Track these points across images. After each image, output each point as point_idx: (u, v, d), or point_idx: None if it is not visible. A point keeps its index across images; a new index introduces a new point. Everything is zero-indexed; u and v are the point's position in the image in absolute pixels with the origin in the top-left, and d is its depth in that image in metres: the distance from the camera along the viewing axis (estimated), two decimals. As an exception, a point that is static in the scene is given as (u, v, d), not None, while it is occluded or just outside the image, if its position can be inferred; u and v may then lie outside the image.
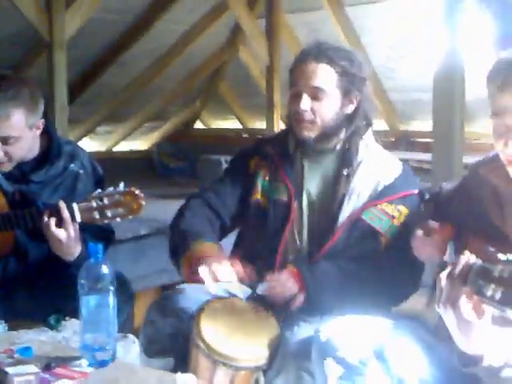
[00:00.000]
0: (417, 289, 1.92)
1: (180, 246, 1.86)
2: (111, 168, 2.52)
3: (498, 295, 1.09)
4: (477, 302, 1.18)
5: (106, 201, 1.82)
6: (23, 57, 4.77)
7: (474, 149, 3.97)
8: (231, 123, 6.70)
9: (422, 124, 5.20)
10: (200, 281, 1.75)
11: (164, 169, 6.51)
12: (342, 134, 1.94)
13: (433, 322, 1.60)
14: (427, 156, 3.93)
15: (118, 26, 4.97)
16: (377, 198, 1.89)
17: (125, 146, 6.57)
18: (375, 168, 1.92)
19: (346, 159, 1.92)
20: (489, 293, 1.11)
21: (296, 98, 1.88)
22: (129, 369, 1.38)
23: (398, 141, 5.48)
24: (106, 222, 1.84)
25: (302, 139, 1.91)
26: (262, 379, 1.73)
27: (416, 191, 1.94)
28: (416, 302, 1.88)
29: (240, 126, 6.62)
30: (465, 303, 1.18)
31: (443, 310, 1.22)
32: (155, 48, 5.36)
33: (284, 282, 1.83)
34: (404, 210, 1.89)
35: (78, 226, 1.85)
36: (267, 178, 1.97)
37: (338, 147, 1.95)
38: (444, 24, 3.08)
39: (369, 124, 1.98)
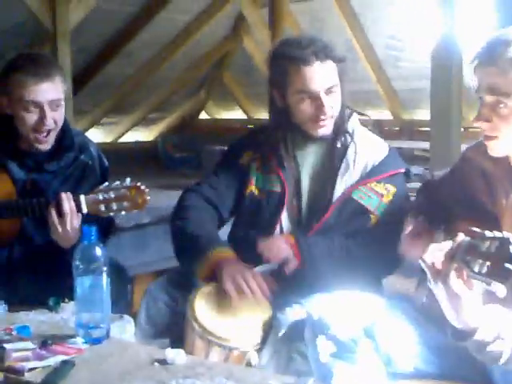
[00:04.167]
0: (399, 264, 1.97)
1: (192, 251, 1.92)
2: (116, 159, 2.55)
3: (484, 269, 1.13)
4: (466, 277, 1.22)
5: (112, 194, 1.85)
6: (27, 48, 4.81)
7: (478, 136, 3.98)
8: (236, 114, 6.73)
9: (426, 113, 5.21)
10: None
11: (169, 160, 6.55)
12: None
13: (421, 302, 1.62)
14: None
15: (122, 15, 5.00)
16: (366, 177, 1.95)
17: (130, 137, 6.62)
18: (364, 149, 1.98)
19: (339, 133, 1.98)
20: (476, 267, 1.15)
21: (312, 100, 1.91)
22: (122, 345, 1.43)
23: (401, 130, 5.49)
24: (111, 214, 1.88)
25: (318, 137, 1.97)
26: (254, 359, 1.77)
27: (403, 170, 2.01)
28: (406, 284, 1.92)
29: (245, 117, 6.65)
30: (455, 278, 1.23)
31: (434, 285, 1.27)
32: (159, 38, 5.39)
33: (279, 244, 1.88)
34: (392, 188, 1.96)
35: (81, 218, 1.88)
36: (260, 171, 2.03)
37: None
38: (440, 10, 3.10)
39: (353, 109, 2.04)
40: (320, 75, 1.89)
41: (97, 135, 6.19)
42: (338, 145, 1.98)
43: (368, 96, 5.30)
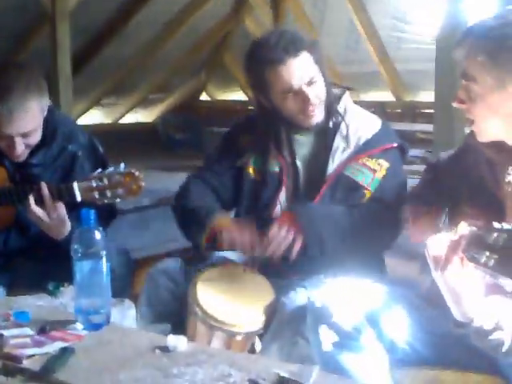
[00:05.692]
0: (395, 239, 1.96)
1: (194, 223, 1.92)
2: (117, 140, 2.52)
3: (491, 262, 1.10)
4: (469, 269, 1.19)
5: (106, 181, 1.82)
6: (26, 28, 4.76)
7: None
8: (236, 95, 6.69)
9: (429, 95, 5.16)
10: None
11: (169, 140, 6.53)
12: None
13: (425, 288, 1.61)
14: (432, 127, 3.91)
15: (121, -4, 4.95)
16: (358, 152, 1.94)
17: (130, 118, 6.59)
18: (356, 126, 1.98)
19: (330, 113, 1.97)
20: (483, 260, 1.12)
21: (296, 96, 1.90)
22: (122, 331, 1.40)
23: (403, 112, 5.45)
24: (105, 202, 1.84)
25: (312, 126, 1.96)
26: (258, 344, 1.75)
27: (395, 144, 1.99)
28: (410, 269, 1.90)
29: (245, 98, 6.60)
30: (456, 270, 1.21)
31: (436, 275, 1.25)
32: (159, 18, 5.34)
33: (278, 235, 1.85)
34: (385, 163, 1.94)
35: (63, 207, 1.86)
36: (258, 154, 2.03)
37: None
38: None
39: (344, 88, 2.04)
40: (296, 70, 1.87)
41: (96, 116, 6.16)
42: (330, 125, 1.98)
43: (370, 77, 5.25)
